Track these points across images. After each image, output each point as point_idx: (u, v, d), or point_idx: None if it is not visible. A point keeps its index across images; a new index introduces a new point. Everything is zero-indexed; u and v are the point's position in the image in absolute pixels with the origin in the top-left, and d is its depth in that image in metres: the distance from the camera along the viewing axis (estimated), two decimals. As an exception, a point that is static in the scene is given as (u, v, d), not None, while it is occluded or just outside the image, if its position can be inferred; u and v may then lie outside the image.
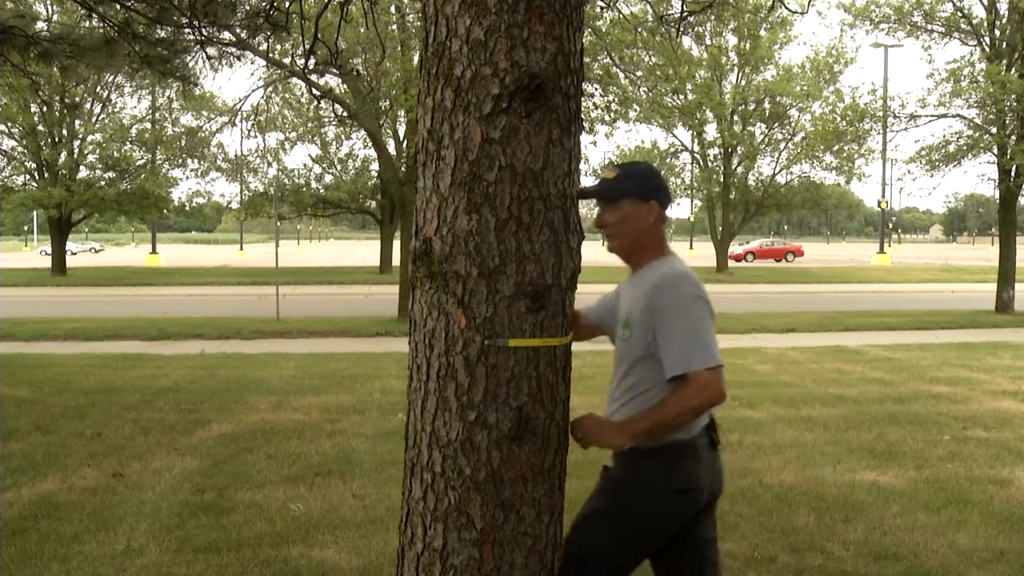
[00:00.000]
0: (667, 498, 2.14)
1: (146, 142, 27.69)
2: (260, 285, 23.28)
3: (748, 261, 43.86)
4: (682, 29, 9.88)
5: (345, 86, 14.95)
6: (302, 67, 10.34)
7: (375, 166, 27.02)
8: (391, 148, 20.06)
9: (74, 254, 46.43)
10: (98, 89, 26.47)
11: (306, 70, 10.42)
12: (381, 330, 13.16)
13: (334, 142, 28.67)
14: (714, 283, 26.97)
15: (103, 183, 26.93)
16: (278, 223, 17.76)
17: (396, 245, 25.21)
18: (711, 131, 29.97)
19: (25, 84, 11.45)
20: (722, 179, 29.72)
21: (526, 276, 1.85)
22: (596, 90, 14.01)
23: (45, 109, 25.19)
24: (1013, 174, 16.13)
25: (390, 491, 4.56)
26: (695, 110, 27.16)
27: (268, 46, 10.17)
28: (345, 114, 15.44)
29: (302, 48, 9.48)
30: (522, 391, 1.89)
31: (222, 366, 9.29)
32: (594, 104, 14.04)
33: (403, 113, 16.69)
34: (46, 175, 26.53)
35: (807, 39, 62.74)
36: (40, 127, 26.24)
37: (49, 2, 19.67)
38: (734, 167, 29.90)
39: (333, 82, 15.85)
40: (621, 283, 2.41)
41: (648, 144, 38.66)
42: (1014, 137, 15.71)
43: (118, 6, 6.56)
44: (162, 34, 6.92)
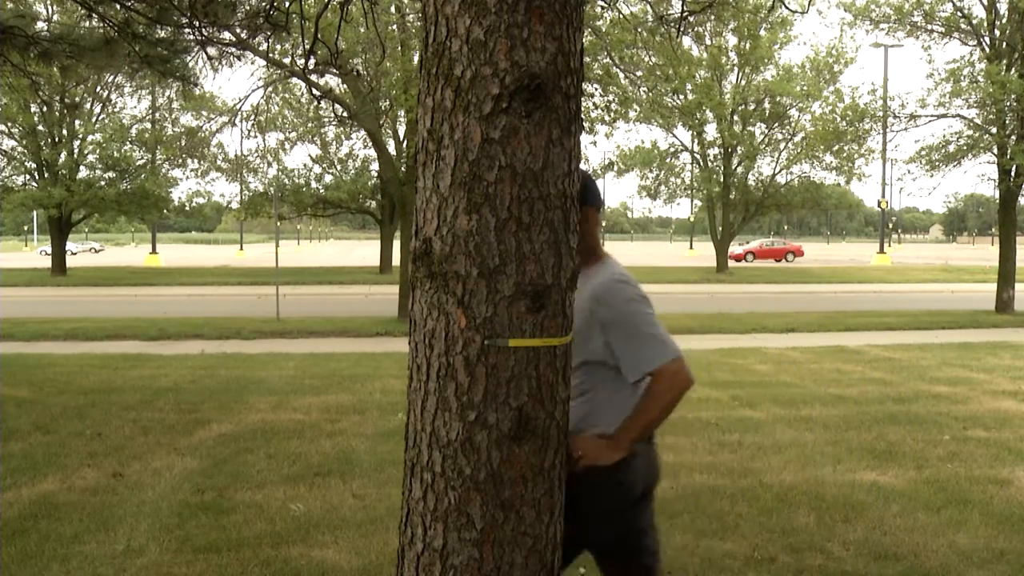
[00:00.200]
0: (609, 489, 2.22)
1: (146, 142, 27.69)
2: (260, 285, 23.29)
3: (748, 261, 43.87)
4: (682, 29, 9.88)
5: (345, 86, 14.95)
6: (302, 67, 10.34)
7: (375, 166, 27.03)
8: (391, 148, 20.07)
9: (74, 254, 46.44)
10: (98, 89, 26.47)
11: (306, 70, 10.41)
12: (381, 330, 13.16)
13: (334, 142, 28.68)
14: (714, 283, 26.98)
15: (103, 183, 26.93)
16: (278, 223, 17.76)
17: (396, 245, 25.23)
18: (711, 131, 30.00)
19: (25, 84, 11.46)
20: (722, 179, 29.72)
21: (526, 276, 1.85)
22: (596, 90, 14.02)
23: (45, 109, 25.19)
24: (1013, 174, 16.14)
25: (390, 491, 4.56)
26: (695, 110, 27.17)
27: (268, 46, 10.17)
28: (345, 114, 15.44)
29: (302, 48, 9.48)
30: (522, 391, 1.89)
31: (222, 366, 9.30)
32: (594, 104, 14.04)
33: (403, 113, 16.69)
34: (46, 175, 26.53)
35: (807, 39, 62.71)
36: (40, 127, 26.24)
37: (49, 2, 19.67)
38: (734, 167, 29.91)
39: (333, 82, 15.85)
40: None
41: (648, 144, 38.72)
42: (1014, 137, 15.71)
43: (118, 6, 6.56)
44: (162, 34, 6.92)
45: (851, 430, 6.19)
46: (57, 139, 26.74)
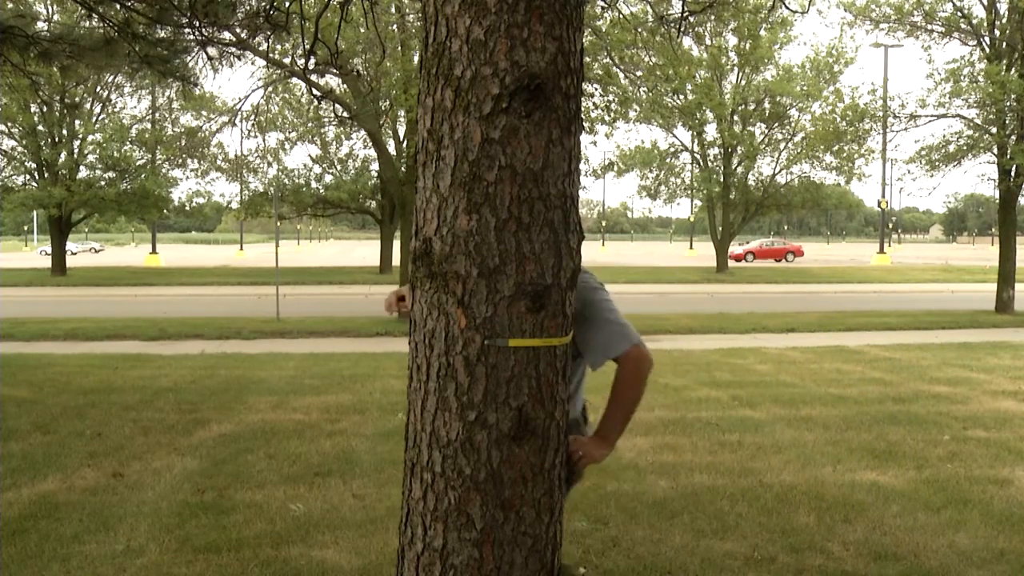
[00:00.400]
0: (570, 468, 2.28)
1: (146, 142, 27.69)
2: (260, 285, 23.29)
3: (748, 261, 43.86)
4: (682, 29, 9.87)
5: (345, 86, 14.96)
6: (302, 67, 10.34)
7: (375, 166, 27.06)
8: (391, 148, 20.08)
9: (74, 254, 46.45)
10: (98, 89, 26.47)
11: (306, 70, 10.41)
12: (381, 330, 13.16)
13: (334, 142, 28.70)
14: (714, 283, 26.98)
15: (103, 183, 26.94)
16: (278, 223, 17.76)
17: (396, 245, 25.21)
18: (711, 131, 30.00)
19: (25, 84, 11.44)
20: (722, 179, 29.72)
21: (526, 276, 1.85)
22: (596, 90, 14.03)
23: (45, 109, 25.18)
24: (1013, 174, 16.14)
25: (390, 491, 4.56)
26: (695, 110, 27.17)
27: (268, 46, 10.17)
28: (345, 114, 15.44)
29: (302, 48, 9.48)
30: (522, 391, 1.89)
31: (222, 366, 9.30)
32: (594, 104, 14.05)
33: (403, 113, 16.70)
34: (46, 175, 26.53)
35: (807, 39, 62.77)
36: (40, 127, 26.24)
37: (49, 2, 19.67)
38: (734, 167, 29.91)
39: (333, 82, 15.87)
40: None
41: (648, 144, 38.73)
42: (1014, 137, 15.71)
43: (118, 6, 6.56)
44: (162, 34, 6.91)
45: (851, 430, 6.19)
46: (57, 139, 26.74)
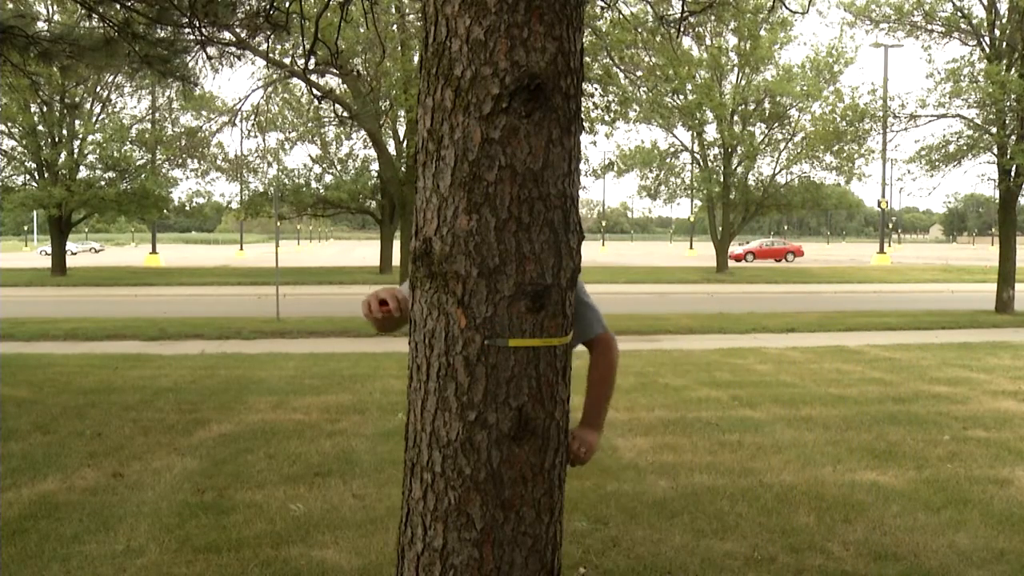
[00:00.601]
0: None
1: (146, 142, 27.70)
2: (260, 285, 23.29)
3: (748, 261, 43.86)
4: (682, 29, 9.88)
5: (345, 86, 14.97)
6: (302, 67, 10.34)
7: (375, 166, 27.06)
8: (391, 148, 20.08)
9: (74, 254, 46.45)
10: (98, 89, 26.48)
11: (306, 70, 10.41)
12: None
13: (334, 142, 28.73)
14: (714, 283, 26.99)
15: (103, 183, 26.94)
16: (278, 223, 17.76)
17: (396, 245, 25.22)
18: (711, 131, 30.01)
19: (25, 84, 11.44)
20: (722, 179, 29.72)
21: (526, 276, 1.85)
22: (596, 90, 14.03)
23: (45, 109, 25.19)
24: (1013, 174, 16.14)
25: (390, 491, 4.56)
26: (695, 110, 27.18)
27: (268, 46, 10.18)
28: (345, 114, 15.45)
29: (302, 48, 9.48)
30: (522, 391, 1.89)
31: (222, 366, 9.30)
32: (594, 104, 14.06)
33: (403, 113, 16.72)
34: (46, 175, 26.54)
35: (807, 39, 62.75)
36: (40, 127, 26.25)
37: (49, 2, 19.67)
38: (734, 167, 29.91)
39: (333, 82, 15.88)
40: None
41: (648, 144, 38.72)
42: (1014, 137, 15.71)
43: (118, 6, 6.56)
44: (162, 34, 6.91)
45: (851, 430, 6.19)
46: (57, 139, 26.74)
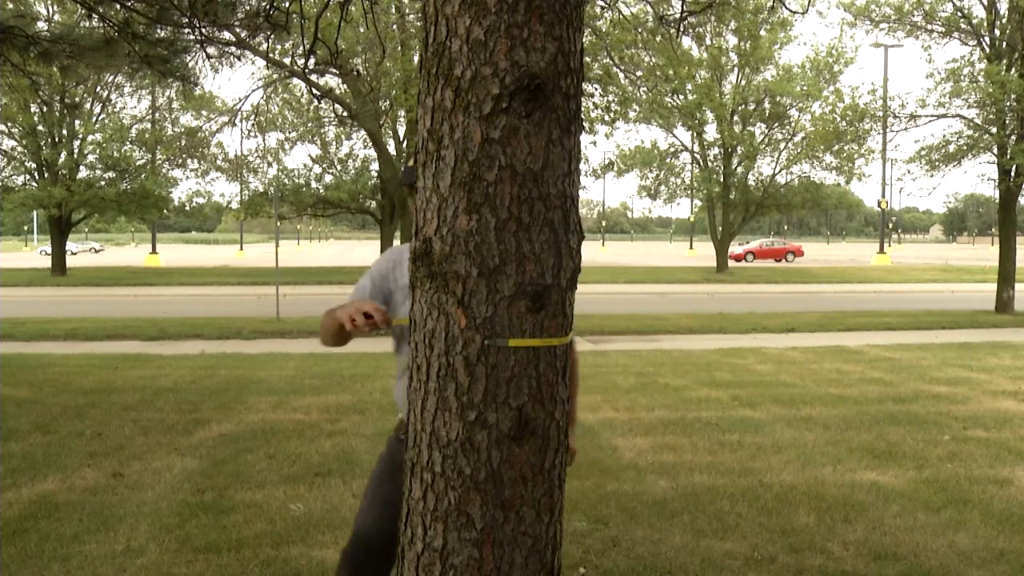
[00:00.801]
0: None
1: (146, 142, 27.69)
2: (260, 285, 23.29)
3: (748, 261, 43.86)
4: (682, 29, 9.88)
5: (345, 86, 14.96)
6: (302, 67, 10.34)
7: (375, 166, 27.03)
8: (391, 148, 20.06)
9: (74, 254, 46.44)
10: (98, 89, 26.48)
11: (306, 70, 10.42)
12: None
13: (334, 142, 28.67)
14: (714, 283, 26.98)
15: (103, 183, 26.94)
16: (278, 223, 17.76)
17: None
18: (711, 131, 30.01)
19: (25, 84, 11.45)
20: (722, 179, 29.72)
21: (526, 276, 1.85)
22: (596, 90, 14.04)
23: (45, 109, 25.19)
24: (1013, 174, 16.14)
25: (390, 491, 4.56)
26: (695, 110, 27.19)
27: (268, 46, 10.18)
28: (345, 114, 15.45)
29: (302, 48, 9.48)
30: (522, 391, 1.89)
31: (222, 366, 9.30)
32: (594, 104, 14.07)
33: (403, 113, 16.71)
34: (46, 175, 26.53)
35: (807, 39, 62.85)
36: (40, 127, 26.24)
37: (49, 2, 19.67)
38: (734, 167, 29.91)
39: (333, 82, 15.87)
40: (388, 267, 2.55)
41: (648, 144, 38.72)
42: (1014, 137, 15.71)
43: (118, 6, 6.56)
44: (162, 34, 6.91)
45: (851, 430, 6.19)
46: (57, 139, 26.74)
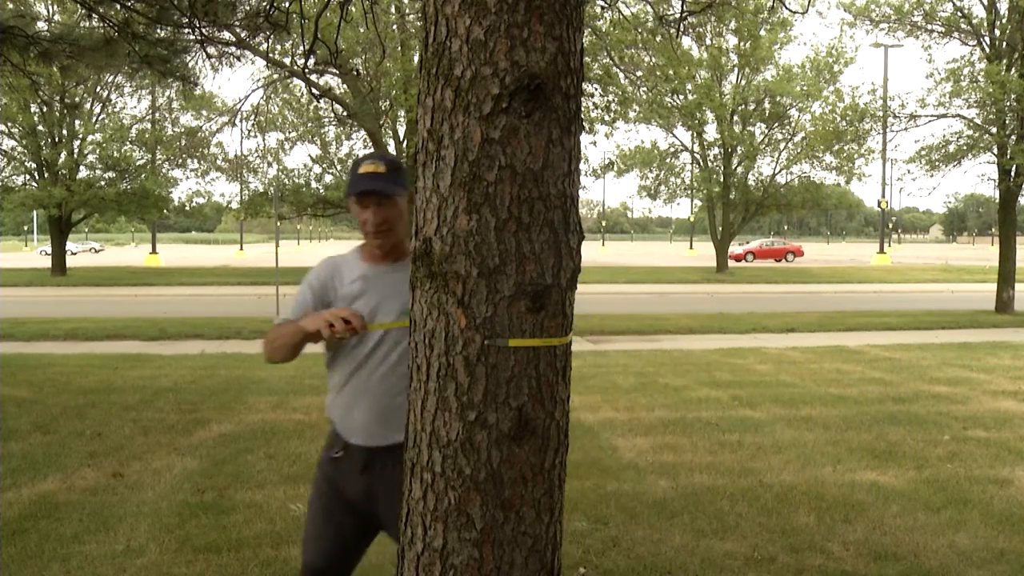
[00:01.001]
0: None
1: (146, 142, 27.68)
2: (260, 285, 23.29)
3: (748, 261, 43.86)
4: (682, 29, 9.88)
5: (345, 86, 14.96)
6: (302, 67, 10.34)
7: (375, 166, 27.00)
8: (391, 148, 20.05)
9: (74, 254, 46.43)
10: (98, 89, 26.47)
11: (306, 70, 10.42)
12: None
13: (334, 142, 28.65)
14: (714, 283, 26.98)
15: (103, 183, 26.93)
16: (278, 223, 17.76)
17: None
18: (711, 131, 30.01)
19: (25, 84, 11.45)
20: (722, 179, 29.72)
21: (526, 276, 1.85)
22: (596, 90, 14.03)
23: (45, 109, 25.18)
24: (1013, 174, 16.14)
25: (390, 491, 4.56)
26: (695, 110, 27.17)
27: (268, 46, 10.17)
28: (345, 114, 15.45)
29: (302, 48, 9.48)
30: (522, 391, 1.89)
31: (222, 366, 9.29)
32: (594, 104, 14.06)
33: (403, 113, 16.70)
34: (46, 175, 26.53)
35: (807, 39, 62.88)
36: (40, 127, 26.24)
37: (49, 2, 19.67)
38: (734, 167, 29.91)
39: (333, 82, 15.87)
40: (327, 276, 2.49)
41: (648, 144, 38.73)
42: (1014, 137, 15.71)
43: (118, 6, 6.56)
44: (162, 34, 6.91)
45: (851, 430, 6.19)
46: (57, 139, 26.73)
